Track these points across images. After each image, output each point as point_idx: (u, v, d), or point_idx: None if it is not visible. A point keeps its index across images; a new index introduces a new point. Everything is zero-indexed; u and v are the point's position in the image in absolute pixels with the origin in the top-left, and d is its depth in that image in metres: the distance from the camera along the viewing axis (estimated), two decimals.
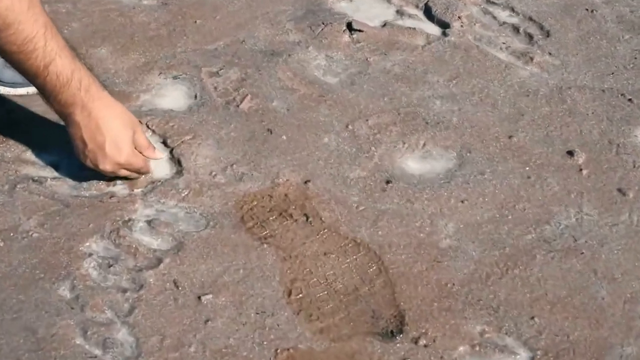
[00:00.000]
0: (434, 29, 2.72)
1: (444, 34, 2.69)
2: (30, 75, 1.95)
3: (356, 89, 2.44)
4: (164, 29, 2.64)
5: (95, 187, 2.11)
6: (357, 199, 2.11)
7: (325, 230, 2.03)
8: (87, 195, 2.10)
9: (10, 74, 2.31)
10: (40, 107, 2.30)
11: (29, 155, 2.20)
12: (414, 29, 2.69)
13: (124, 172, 2.09)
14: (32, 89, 2.27)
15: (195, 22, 2.69)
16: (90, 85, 1.99)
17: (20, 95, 2.36)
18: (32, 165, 2.18)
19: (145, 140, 2.12)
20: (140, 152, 2.10)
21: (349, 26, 2.67)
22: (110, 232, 2.00)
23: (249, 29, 2.67)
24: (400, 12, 2.78)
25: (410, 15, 2.77)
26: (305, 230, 2.03)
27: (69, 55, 1.95)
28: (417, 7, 2.81)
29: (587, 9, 2.81)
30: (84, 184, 2.12)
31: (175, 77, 2.45)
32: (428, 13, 2.79)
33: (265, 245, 1.98)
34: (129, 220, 2.03)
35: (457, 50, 2.61)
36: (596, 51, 2.65)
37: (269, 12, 2.75)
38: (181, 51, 2.55)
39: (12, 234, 1.98)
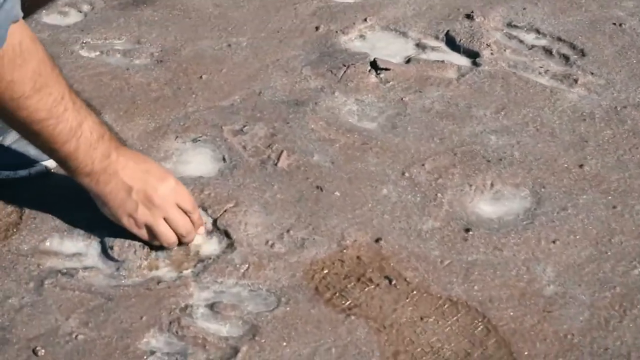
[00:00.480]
0: (462, 60, 2.49)
1: (475, 63, 2.46)
2: (58, 143, 1.73)
3: (400, 132, 2.18)
4: (167, 88, 2.36)
5: (137, 273, 1.81)
6: (439, 252, 1.85)
7: (414, 292, 1.76)
8: (130, 283, 1.79)
9: (9, 156, 2.00)
10: (49, 188, 2.02)
11: (49, 245, 1.90)
12: (443, 61, 2.45)
13: (164, 235, 1.84)
14: (34, 169, 1.97)
15: (201, 77, 2.41)
16: (120, 147, 1.84)
17: (22, 178, 2.03)
18: (55, 256, 1.87)
19: (192, 204, 1.89)
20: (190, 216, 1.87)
21: (374, 65, 2.40)
22: (170, 323, 1.69)
23: (262, 80, 2.40)
24: (420, 46, 2.55)
25: (433, 48, 2.54)
26: (391, 295, 1.76)
27: (91, 111, 1.79)
28: (437, 38, 2.59)
29: (614, 23, 2.62)
30: (122, 272, 1.81)
31: (195, 140, 2.16)
32: (451, 44, 2.56)
33: (352, 317, 1.71)
34: (187, 306, 1.73)
35: (494, 79, 2.37)
36: (638, 66, 2.43)
37: (279, 59, 2.49)
38: (193, 111, 2.26)
39: (52, 339, 1.66)
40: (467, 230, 1.90)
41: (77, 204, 1.94)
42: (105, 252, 1.87)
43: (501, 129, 2.20)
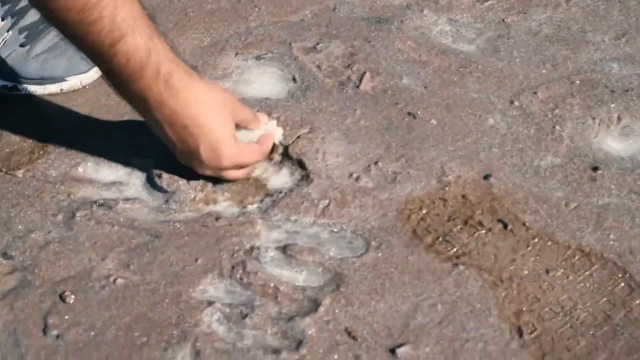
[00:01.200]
0: None
1: None
2: (92, 56, 1.38)
3: (504, 56, 1.81)
4: (225, 1, 1.98)
5: (191, 207, 1.45)
6: (562, 194, 1.48)
7: (536, 240, 1.40)
8: (181, 219, 1.43)
9: (35, 67, 1.68)
10: (83, 107, 1.65)
11: (82, 171, 1.55)
12: None
13: (231, 175, 1.46)
14: (66, 85, 1.66)
15: None
16: (172, 74, 1.39)
17: (52, 94, 1.68)
18: (89, 184, 1.52)
19: (249, 112, 1.53)
20: (246, 127, 1.51)
21: None
22: (232, 267, 1.33)
23: None
24: None
25: None
26: (508, 242, 1.40)
27: (146, 30, 1.36)
28: None
29: None
30: (173, 205, 1.45)
31: (258, 58, 1.80)
32: None
33: (461, 267, 1.35)
34: (253, 248, 1.37)
35: (610, 3, 2.00)
36: None
37: None
38: (256, 25, 1.90)
39: (84, 282, 1.31)
40: (595, 168, 1.54)
41: (118, 126, 1.61)
42: (151, 181, 1.52)
43: (624, 56, 1.83)
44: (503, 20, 1.94)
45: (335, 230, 1.43)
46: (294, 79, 1.76)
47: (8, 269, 1.35)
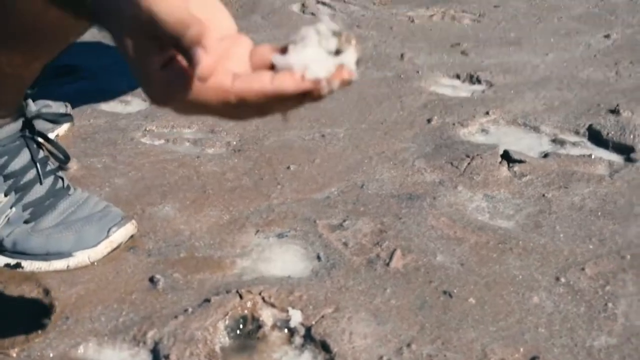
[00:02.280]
0: (612, 156, 1.98)
1: (629, 159, 1.95)
2: None
3: (547, 232, 1.67)
4: (246, 178, 1.88)
5: None
6: None
7: None
8: None
9: (40, 242, 1.58)
10: (89, 284, 1.54)
11: (83, 351, 1.44)
12: (590, 156, 1.94)
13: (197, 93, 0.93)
14: (73, 260, 1.56)
15: (289, 167, 1.93)
16: None
17: (57, 271, 1.56)
18: None
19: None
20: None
21: (506, 157, 1.91)
22: None
23: (364, 172, 1.92)
24: (557, 141, 2.06)
25: (573, 143, 2.04)
26: None
27: None
28: (577, 133, 2.09)
29: None
30: None
31: (280, 235, 1.67)
32: (596, 139, 2.06)
33: None
34: None
35: None
36: None
37: (385, 151, 2.01)
38: (279, 203, 1.78)
39: None
40: None
41: (124, 303, 1.48)
42: None
43: None
44: (543, 195, 1.81)
45: None
46: (319, 257, 1.62)
47: None
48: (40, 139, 1.65)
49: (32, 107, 1.99)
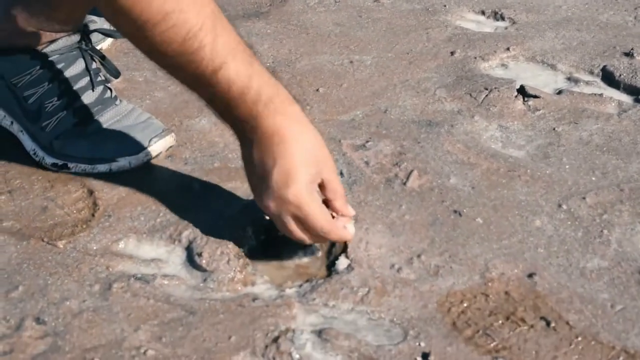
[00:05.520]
0: (623, 96, 2.09)
1: (638, 100, 2.07)
2: (192, 86, 1.40)
3: (554, 163, 1.79)
4: None
5: (228, 287, 1.43)
6: (608, 295, 1.45)
7: (579, 339, 1.36)
8: (218, 297, 1.41)
9: (86, 147, 1.68)
10: (131, 185, 1.68)
11: (123, 246, 1.54)
12: (601, 95, 2.06)
13: (289, 225, 1.46)
14: (115, 165, 1.65)
15: (318, 90, 2.06)
16: (273, 97, 1.39)
17: (100, 173, 1.69)
18: (129, 259, 1.51)
19: (339, 186, 1.49)
20: (331, 201, 1.49)
21: (521, 91, 2.03)
22: (266, 347, 1.30)
23: (389, 98, 2.04)
24: (572, 79, 2.17)
25: (587, 82, 2.16)
26: (550, 339, 1.36)
27: (245, 55, 1.36)
28: (591, 73, 2.21)
29: None
30: (210, 283, 1.44)
31: None
32: (608, 79, 2.17)
33: None
34: (288, 330, 1.35)
35: None
36: None
37: (409, 79, 2.13)
38: None
39: (114, 352, 1.28)
40: None
41: (162, 205, 1.62)
42: (191, 259, 1.50)
43: None
44: (554, 129, 1.93)
45: (374, 318, 1.40)
46: (342, 173, 1.75)
47: (39, 334, 1.33)
48: (93, 54, 1.79)
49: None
